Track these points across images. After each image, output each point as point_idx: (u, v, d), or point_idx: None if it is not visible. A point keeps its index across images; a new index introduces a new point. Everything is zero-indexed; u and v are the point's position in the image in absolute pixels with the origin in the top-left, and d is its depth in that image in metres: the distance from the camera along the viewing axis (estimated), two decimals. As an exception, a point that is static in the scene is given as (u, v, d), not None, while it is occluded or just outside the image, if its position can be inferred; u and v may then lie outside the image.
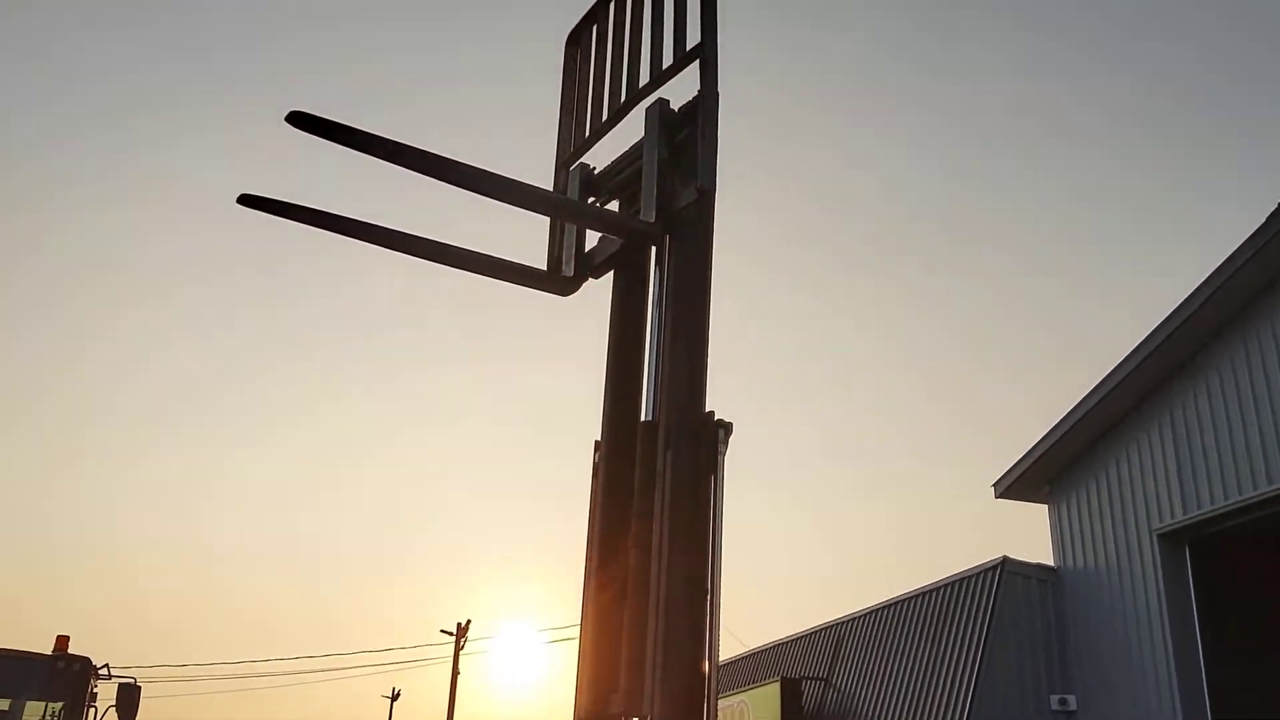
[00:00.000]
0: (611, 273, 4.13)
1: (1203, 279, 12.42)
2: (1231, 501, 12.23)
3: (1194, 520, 12.69)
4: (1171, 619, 12.66)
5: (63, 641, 11.75)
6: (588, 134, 4.32)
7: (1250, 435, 12.10)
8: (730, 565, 3.46)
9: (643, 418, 3.80)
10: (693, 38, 3.88)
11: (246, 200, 3.48)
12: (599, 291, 4.23)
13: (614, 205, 4.25)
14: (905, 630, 15.22)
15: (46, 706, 11.46)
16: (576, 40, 4.57)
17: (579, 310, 4.28)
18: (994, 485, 14.58)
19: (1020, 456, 14.23)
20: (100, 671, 11.68)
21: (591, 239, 4.22)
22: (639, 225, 3.83)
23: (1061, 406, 13.85)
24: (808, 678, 17.19)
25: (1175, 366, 13.10)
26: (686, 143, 3.84)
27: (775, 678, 17.18)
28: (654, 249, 3.98)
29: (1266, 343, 12.15)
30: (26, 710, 11.51)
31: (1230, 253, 12.16)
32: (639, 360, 3.91)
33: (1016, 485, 14.46)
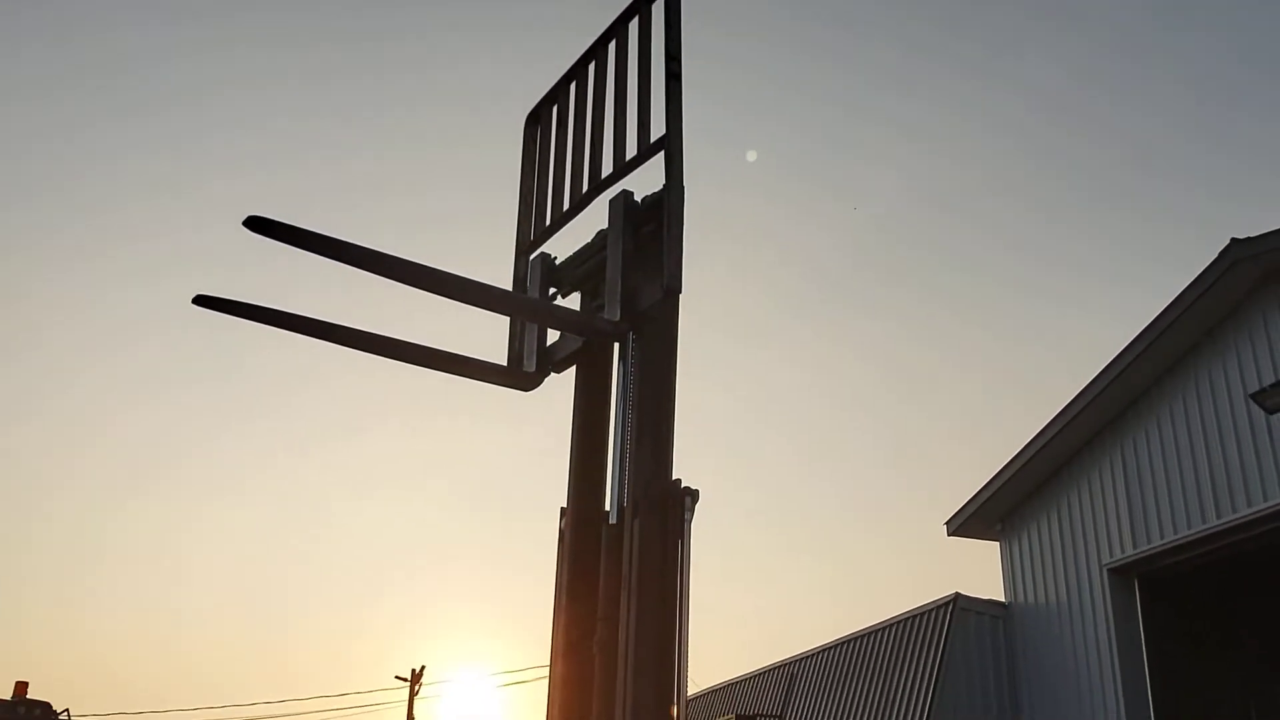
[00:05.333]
0: (574, 367, 4.04)
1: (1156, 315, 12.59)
2: (1180, 536, 12.37)
3: (1143, 555, 12.81)
4: (1120, 652, 12.77)
5: (22, 687, 11.59)
6: (548, 222, 4.20)
7: (1200, 471, 12.25)
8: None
9: (608, 493, 3.79)
10: (657, 125, 3.77)
11: (202, 301, 3.42)
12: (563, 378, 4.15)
13: (576, 297, 4.15)
14: (858, 667, 15.21)
15: None
16: (536, 119, 4.45)
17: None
18: (946, 524, 14.63)
19: (972, 495, 14.30)
20: (60, 716, 11.51)
21: (554, 333, 4.12)
22: (603, 326, 3.73)
23: (1014, 446, 13.95)
24: (762, 715, 17.12)
25: (1126, 404, 13.23)
26: (652, 237, 3.74)
27: (730, 715, 17.10)
28: (617, 345, 3.88)
29: (1217, 380, 12.31)
30: None
31: (1179, 292, 12.33)
32: (603, 442, 3.87)
33: (969, 523, 14.51)
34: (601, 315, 3.77)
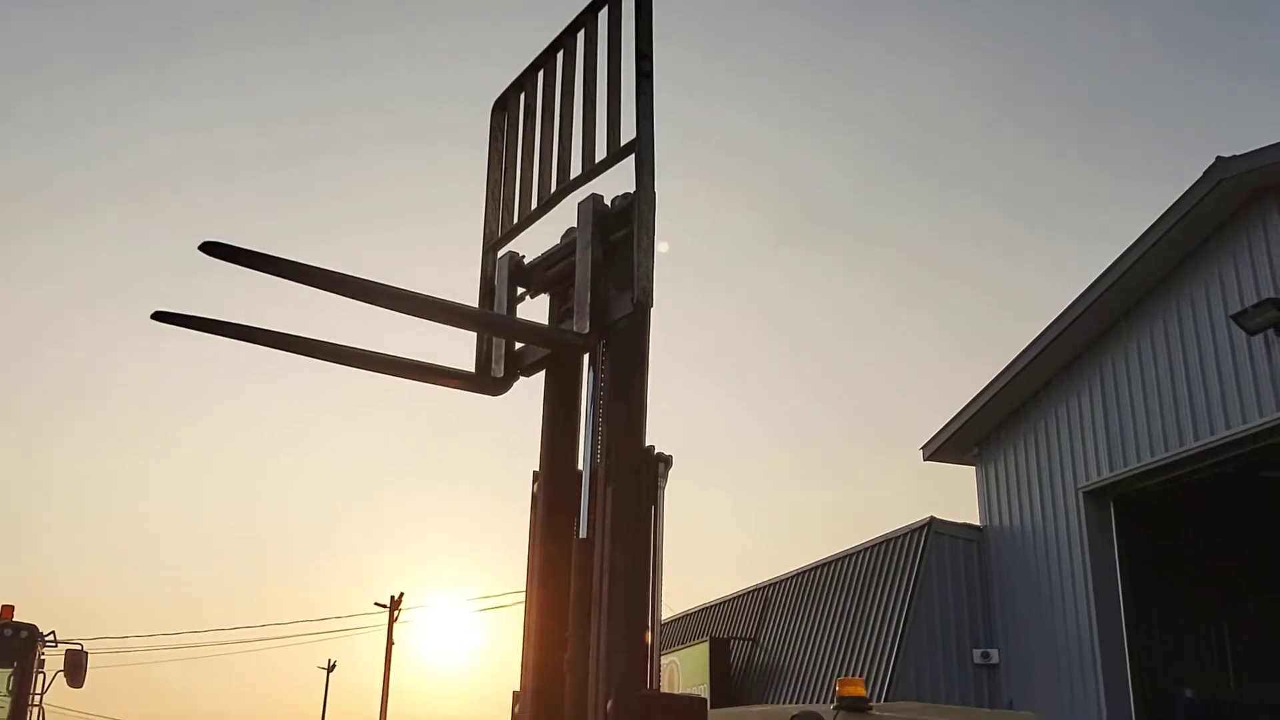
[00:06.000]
0: (543, 372, 3.95)
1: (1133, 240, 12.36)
2: (1157, 459, 12.32)
3: (1119, 478, 12.78)
4: (1094, 574, 12.82)
5: (7, 610, 11.49)
6: (516, 219, 4.07)
7: (1179, 393, 12.15)
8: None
9: (581, 461, 3.74)
10: (627, 127, 3.61)
11: (161, 316, 3.30)
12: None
13: (544, 299, 4.03)
14: (833, 591, 15.24)
15: None
16: (504, 107, 4.27)
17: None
18: (922, 448, 14.51)
19: (949, 419, 14.15)
20: (46, 639, 11.42)
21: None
22: (572, 339, 3.65)
23: (998, 369, 13.76)
24: (736, 637, 17.22)
25: (1106, 327, 13.07)
26: (622, 243, 3.63)
27: (704, 638, 17.18)
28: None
29: (1199, 302, 12.16)
30: None
31: (1158, 216, 12.08)
32: (574, 442, 3.82)
33: (945, 448, 14.42)
34: (570, 329, 3.68)
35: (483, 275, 4.11)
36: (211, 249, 3.10)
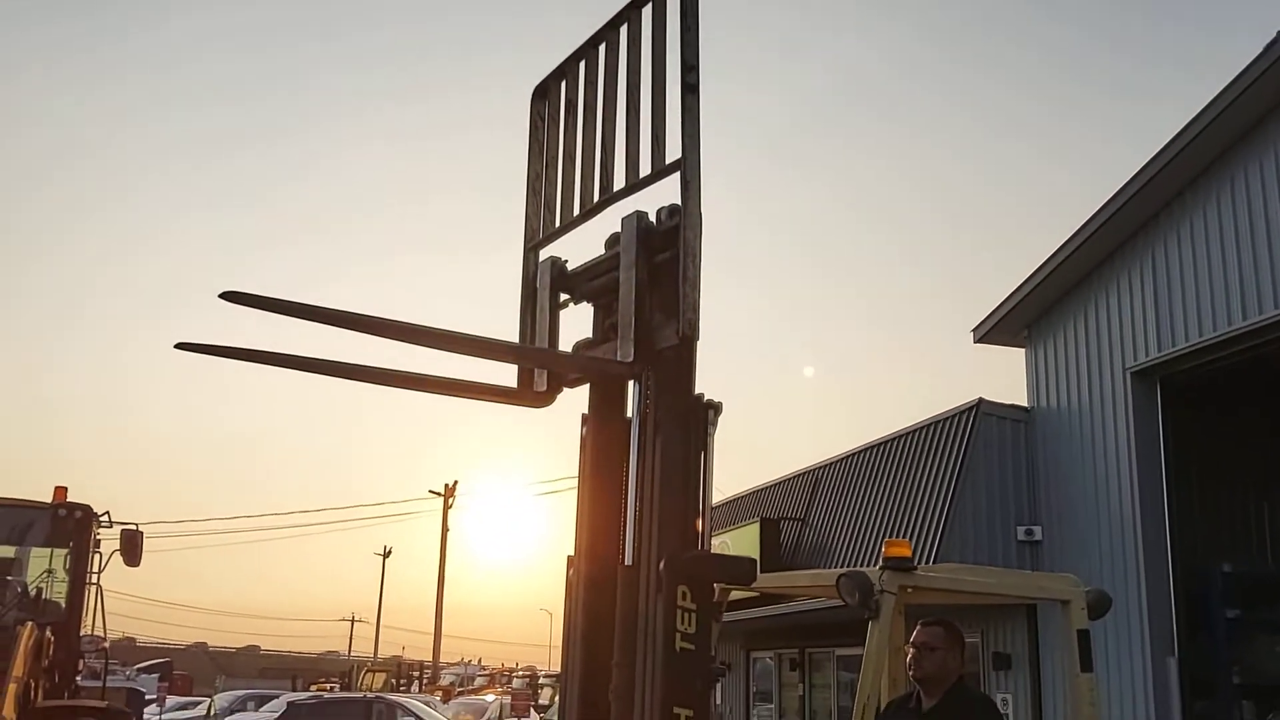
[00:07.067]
0: (588, 385, 3.90)
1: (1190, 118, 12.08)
2: (1205, 338, 12.24)
3: (1167, 358, 12.72)
4: (1139, 454, 12.85)
5: (61, 492, 11.56)
6: (558, 223, 3.97)
7: (1229, 272, 12.00)
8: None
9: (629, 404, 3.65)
10: (672, 140, 3.47)
11: (185, 346, 3.22)
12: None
13: (585, 306, 3.96)
14: (882, 472, 15.47)
15: (52, 553, 11.39)
16: (544, 94, 4.13)
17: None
18: (973, 330, 14.50)
19: (1000, 300, 14.11)
20: (101, 519, 11.58)
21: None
22: (617, 369, 3.57)
23: (1035, 261, 13.65)
24: (786, 518, 17.60)
25: (1160, 206, 12.86)
26: (667, 265, 3.51)
27: (755, 519, 17.58)
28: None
29: (1253, 182, 11.91)
30: (32, 557, 11.48)
31: (1217, 93, 11.78)
32: (620, 482, 3.69)
33: (996, 330, 14.39)
34: (614, 352, 3.61)
35: (524, 275, 4.02)
36: (232, 297, 3.05)
